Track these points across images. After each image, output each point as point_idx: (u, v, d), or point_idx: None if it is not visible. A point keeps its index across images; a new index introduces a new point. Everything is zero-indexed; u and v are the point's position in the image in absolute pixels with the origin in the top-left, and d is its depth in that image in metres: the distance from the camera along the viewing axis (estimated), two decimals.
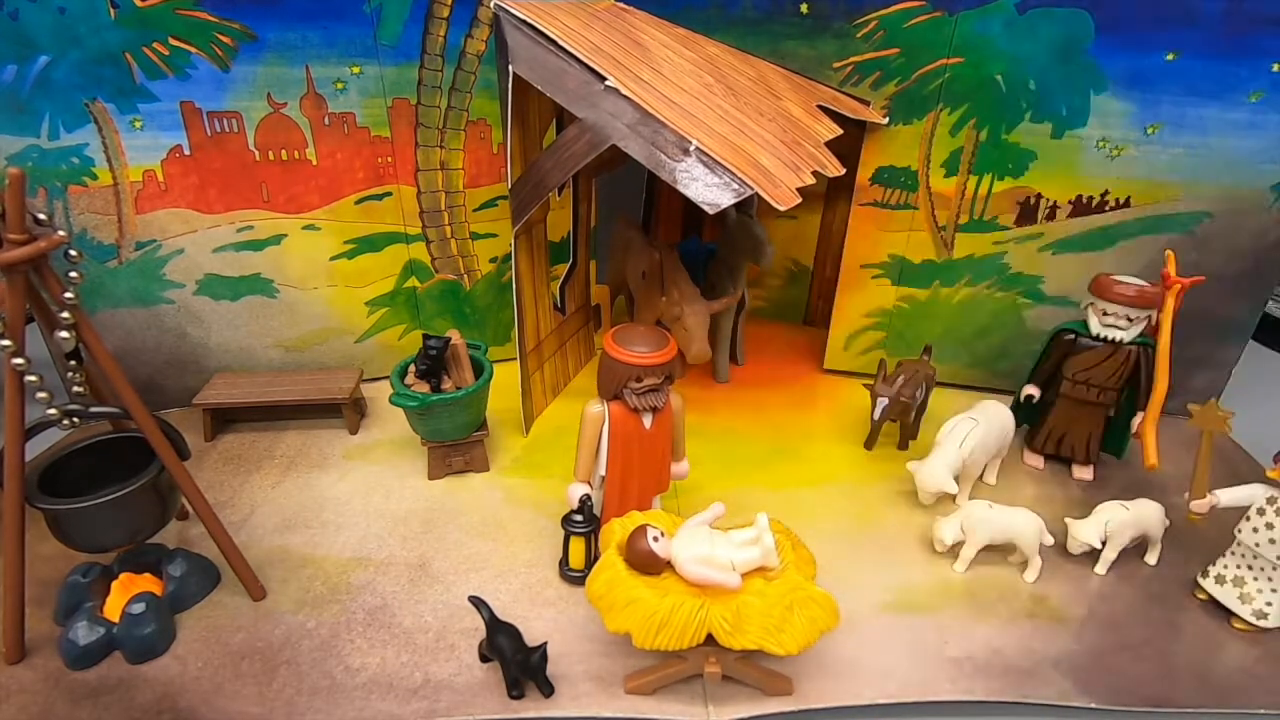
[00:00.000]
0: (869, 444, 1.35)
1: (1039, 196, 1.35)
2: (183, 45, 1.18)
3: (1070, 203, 1.34)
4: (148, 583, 0.97)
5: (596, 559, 0.96)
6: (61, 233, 0.80)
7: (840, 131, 1.23)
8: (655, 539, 0.85)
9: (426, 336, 1.16)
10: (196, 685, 0.88)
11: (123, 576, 0.97)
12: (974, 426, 1.16)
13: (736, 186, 0.92)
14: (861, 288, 1.49)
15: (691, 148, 0.93)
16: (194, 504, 0.96)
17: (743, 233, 1.42)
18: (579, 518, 1.01)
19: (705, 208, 0.91)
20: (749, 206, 1.44)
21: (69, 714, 0.84)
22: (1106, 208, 1.33)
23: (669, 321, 1.36)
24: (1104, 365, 1.20)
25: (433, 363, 1.16)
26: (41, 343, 0.91)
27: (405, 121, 1.32)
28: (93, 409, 0.89)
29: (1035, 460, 1.32)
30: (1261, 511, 0.97)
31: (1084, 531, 1.05)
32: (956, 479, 1.13)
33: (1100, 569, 1.07)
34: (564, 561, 1.04)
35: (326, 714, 0.85)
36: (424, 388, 1.18)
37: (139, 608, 0.91)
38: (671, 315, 1.35)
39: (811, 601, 0.82)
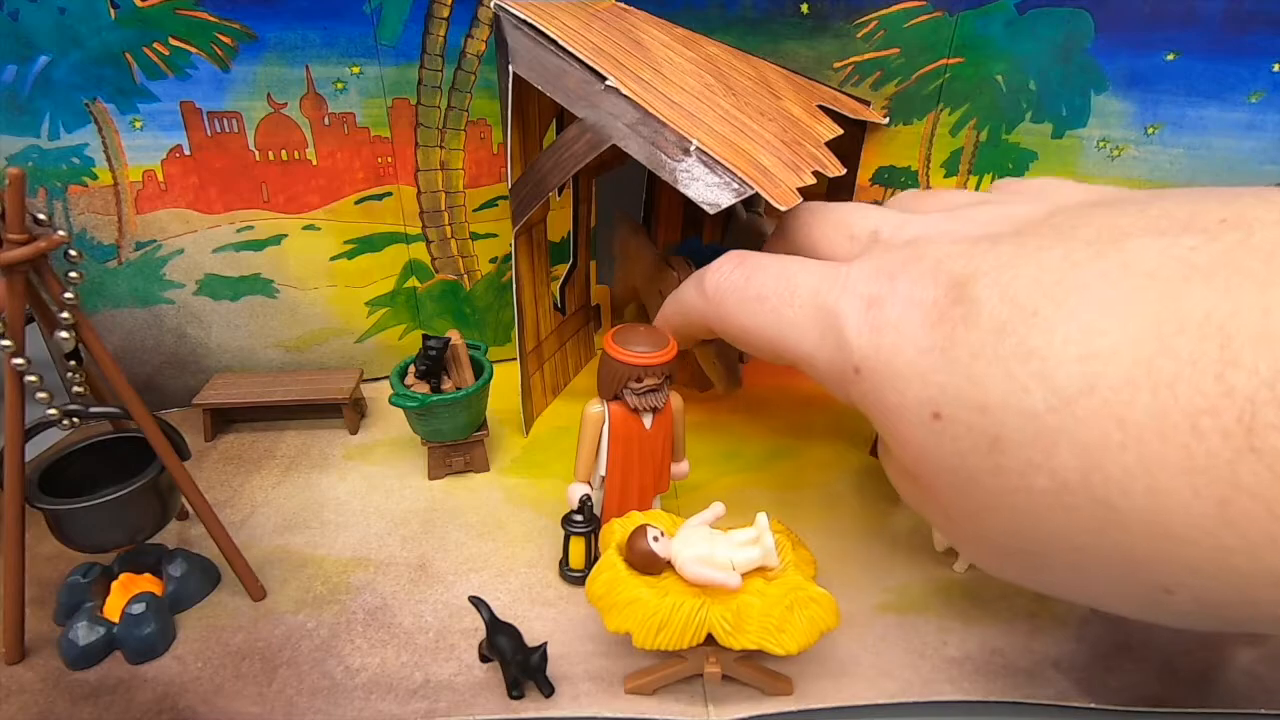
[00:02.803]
0: (876, 452, 1.35)
1: None
2: (183, 45, 1.18)
3: None
4: (148, 583, 0.97)
5: (596, 559, 0.96)
6: (61, 233, 0.80)
7: (840, 131, 1.23)
8: (655, 539, 0.85)
9: (426, 337, 1.16)
10: (196, 685, 0.88)
11: (123, 576, 0.97)
12: None
13: (736, 186, 0.92)
14: None
15: (692, 148, 0.93)
16: (194, 504, 0.96)
17: (751, 232, 1.41)
18: (579, 518, 1.01)
19: (705, 207, 0.91)
20: (756, 205, 1.44)
21: (69, 714, 0.84)
22: None
23: (696, 353, 1.32)
24: None
25: (432, 363, 1.16)
26: (41, 343, 0.91)
27: (405, 121, 1.32)
28: (93, 409, 0.89)
29: None
30: None
31: None
32: None
33: None
34: (564, 561, 1.04)
35: (326, 714, 0.85)
36: (424, 388, 1.18)
37: (139, 608, 0.91)
38: (707, 356, 1.30)
39: (811, 601, 0.82)
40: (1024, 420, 0.62)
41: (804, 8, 1.29)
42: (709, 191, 0.92)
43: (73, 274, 0.83)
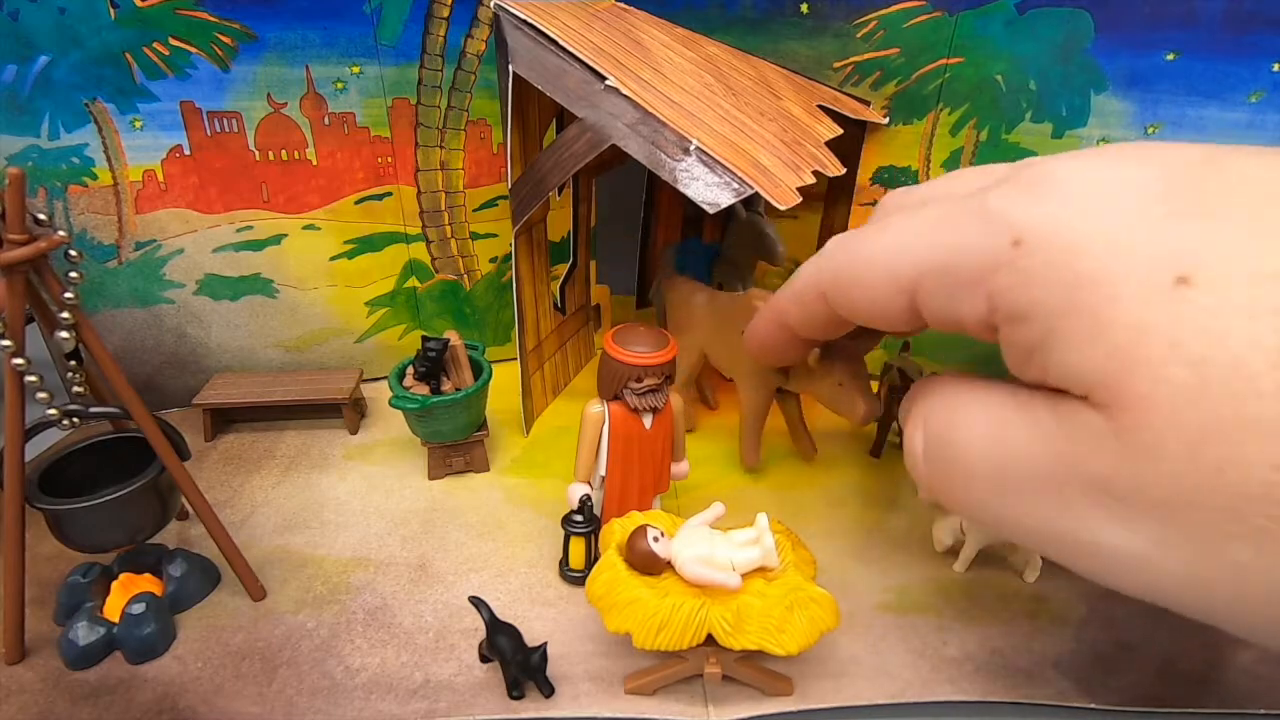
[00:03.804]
0: (876, 452, 1.34)
1: None
2: (183, 45, 1.18)
3: None
4: (148, 583, 0.97)
5: (596, 559, 0.96)
6: (61, 233, 0.80)
7: (840, 131, 1.23)
8: (655, 539, 0.85)
9: (425, 338, 1.16)
10: (196, 685, 0.88)
11: (123, 576, 0.97)
12: None
13: (736, 186, 0.92)
14: None
15: (692, 147, 0.93)
16: (194, 504, 0.96)
17: (752, 231, 1.41)
18: (579, 518, 1.01)
19: (705, 207, 0.91)
20: (756, 204, 1.43)
21: (69, 714, 0.84)
22: None
23: (815, 390, 1.10)
24: None
25: (432, 364, 1.16)
26: (41, 343, 0.91)
27: (405, 121, 1.32)
28: (93, 409, 0.89)
29: None
30: None
31: None
32: None
33: None
34: (564, 561, 1.04)
35: (326, 714, 0.85)
36: (423, 389, 1.18)
37: (139, 608, 0.91)
38: (828, 383, 1.07)
39: (812, 602, 0.82)
40: None
41: (804, 8, 1.29)
42: (709, 191, 0.92)
43: (73, 274, 0.83)
